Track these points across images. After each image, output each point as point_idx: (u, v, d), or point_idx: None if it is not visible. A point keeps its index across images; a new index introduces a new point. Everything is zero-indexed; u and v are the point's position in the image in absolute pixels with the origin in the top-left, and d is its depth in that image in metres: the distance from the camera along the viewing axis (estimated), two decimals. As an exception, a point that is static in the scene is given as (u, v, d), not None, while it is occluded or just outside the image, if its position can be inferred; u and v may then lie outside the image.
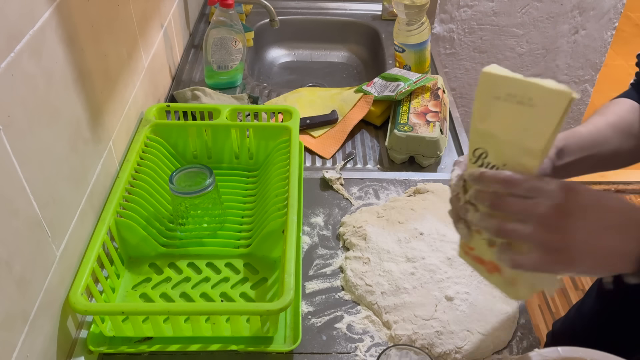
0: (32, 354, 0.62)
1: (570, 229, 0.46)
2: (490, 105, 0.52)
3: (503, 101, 0.51)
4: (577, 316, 1.11)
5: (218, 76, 1.27)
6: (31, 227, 0.62)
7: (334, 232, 0.93)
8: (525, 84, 0.50)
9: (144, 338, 0.74)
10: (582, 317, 1.08)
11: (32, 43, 0.62)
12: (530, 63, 1.90)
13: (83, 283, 0.70)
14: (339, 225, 0.94)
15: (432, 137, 1.04)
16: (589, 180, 2.43)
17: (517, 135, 0.51)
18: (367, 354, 0.75)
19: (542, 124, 0.49)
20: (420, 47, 1.25)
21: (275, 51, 1.64)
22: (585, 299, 1.11)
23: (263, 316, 0.71)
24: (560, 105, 0.48)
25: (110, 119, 0.86)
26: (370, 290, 0.81)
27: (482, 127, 0.53)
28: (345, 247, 0.90)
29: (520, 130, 0.51)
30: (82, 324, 0.76)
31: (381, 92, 1.16)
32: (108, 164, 0.86)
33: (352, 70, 1.59)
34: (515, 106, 0.50)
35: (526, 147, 0.51)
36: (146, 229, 0.84)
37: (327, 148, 1.11)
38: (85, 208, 0.77)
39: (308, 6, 1.67)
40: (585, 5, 1.77)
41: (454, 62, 1.90)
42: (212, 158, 1.02)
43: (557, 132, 0.49)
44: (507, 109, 0.51)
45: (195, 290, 0.81)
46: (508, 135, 0.52)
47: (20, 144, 0.59)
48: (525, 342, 0.77)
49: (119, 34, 0.90)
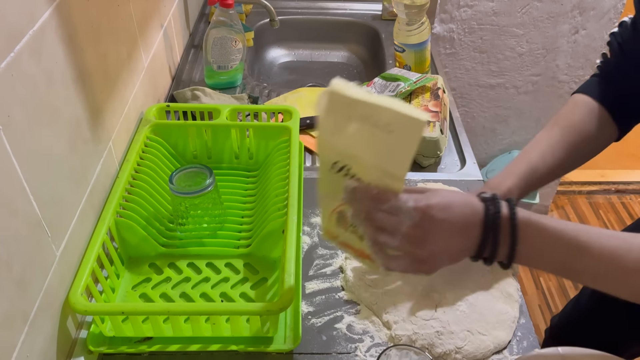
0: (32, 354, 0.62)
1: (429, 241, 0.55)
2: (342, 123, 0.51)
3: (356, 122, 0.50)
4: (574, 311, 1.12)
5: (218, 76, 1.27)
6: (31, 227, 0.62)
7: (334, 232, 0.93)
8: (378, 108, 0.49)
9: (143, 338, 0.74)
10: (579, 312, 1.10)
11: (32, 43, 0.62)
12: (530, 63, 1.90)
13: (83, 283, 0.70)
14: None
15: (432, 137, 1.04)
16: (589, 180, 2.43)
17: (380, 160, 0.52)
18: (367, 354, 0.75)
19: (402, 151, 0.51)
20: (420, 47, 1.25)
21: (275, 51, 1.64)
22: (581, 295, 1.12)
23: (263, 316, 0.71)
24: (417, 132, 0.49)
25: (110, 118, 0.86)
26: (371, 290, 0.81)
27: (335, 142, 0.52)
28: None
29: (381, 155, 0.52)
30: (82, 324, 0.76)
31: (381, 92, 1.16)
32: (108, 164, 0.86)
33: (352, 70, 1.59)
34: (371, 129, 0.50)
35: (389, 171, 0.53)
36: (146, 229, 0.84)
37: (327, 148, 1.11)
38: (85, 208, 0.77)
39: (308, 6, 1.67)
40: (585, 5, 1.77)
41: (454, 62, 1.90)
42: (212, 158, 1.02)
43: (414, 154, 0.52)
44: (362, 131, 0.51)
45: (195, 290, 0.81)
46: (370, 159, 0.52)
47: (20, 144, 0.59)
48: (525, 342, 0.77)
49: (118, 34, 0.90)
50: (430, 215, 0.54)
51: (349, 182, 0.56)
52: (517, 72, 1.92)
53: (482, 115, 2.04)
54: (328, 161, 0.55)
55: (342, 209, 0.58)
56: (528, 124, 2.05)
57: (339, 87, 0.50)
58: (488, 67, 1.91)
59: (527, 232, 0.56)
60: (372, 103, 0.49)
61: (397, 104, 0.49)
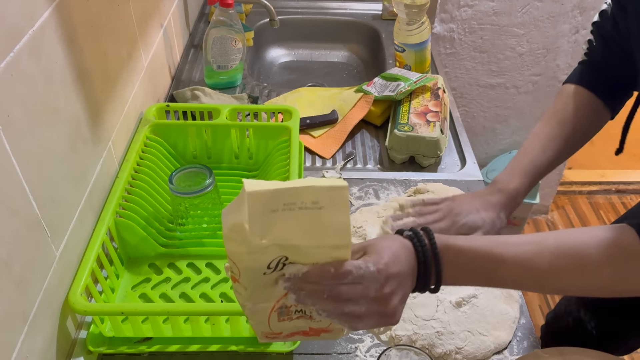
0: (32, 354, 0.62)
1: (394, 296, 0.57)
2: (270, 220, 0.50)
3: (282, 211, 0.50)
4: (568, 306, 1.12)
5: (218, 76, 1.27)
6: (30, 227, 0.62)
7: (334, 232, 0.93)
8: (299, 190, 0.49)
9: (143, 338, 0.74)
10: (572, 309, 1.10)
11: (31, 43, 0.61)
12: (530, 63, 1.90)
13: (82, 283, 0.70)
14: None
15: (433, 137, 1.03)
16: (589, 180, 2.43)
17: (320, 238, 0.52)
18: (367, 354, 0.75)
19: (338, 221, 0.51)
20: (420, 47, 1.25)
21: (275, 51, 1.64)
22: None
23: (263, 316, 0.71)
24: (344, 198, 0.50)
25: (109, 118, 0.86)
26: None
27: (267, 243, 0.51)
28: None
29: (320, 233, 0.51)
30: (81, 324, 0.75)
31: (381, 91, 1.16)
32: (107, 163, 0.86)
33: (352, 70, 1.59)
34: (300, 212, 0.50)
35: (332, 244, 0.53)
36: (146, 229, 0.84)
37: (327, 148, 1.11)
38: (85, 208, 0.77)
39: (308, 6, 1.67)
40: (585, 5, 1.77)
41: (455, 61, 1.90)
42: (212, 158, 1.02)
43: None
44: (292, 218, 0.50)
45: (195, 290, 0.81)
46: (310, 241, 0.52)
47: (19, 144, 0.59)
48: (525, 343, 0.77)
49: (118, 34, 0.90)
50: (391, 273, 0.56)
51: (291, 269, 0.53)
52: (518, 72, 1.92)
53: (482, 115, 2.04)
54: (262, 267, 0.53)
55: (282, 302, 0.56)
56: (528, 124, 2.05)
57: (253, 187, 0.49)
58: (488, 67, 1.91)
59: (448, 257, 0.60)
60: (292, 188, 0.49)
61: (314, 181, 0.50)
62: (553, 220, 2.30)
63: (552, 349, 0.71)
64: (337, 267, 0.54)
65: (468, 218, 0.83)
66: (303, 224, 0.51)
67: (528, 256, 0.61)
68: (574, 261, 0.61)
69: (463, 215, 0.83)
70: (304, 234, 0.51)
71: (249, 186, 0.48)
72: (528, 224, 2.27)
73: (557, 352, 0.71)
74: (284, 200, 0.49)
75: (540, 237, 0.64)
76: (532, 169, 0.85)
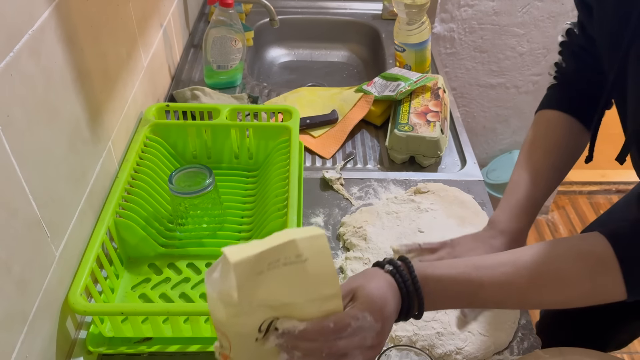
0: (32, 355, 0.62)
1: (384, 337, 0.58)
2: (256, 282, 0.49)
3: (268, 271, 0.49)
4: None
5: (218, 76, 1.27)
6: (30, 227, 0.62)
7: (334, 232, 0.93)
8: (280, 247, 0.48)
9: (143, 338, 0.74)
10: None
11: (31, 43, 0.61)
12: (530, 62, 1.90)
13: (82, 283, 0.70)
14: (339, 225, 0.94)
15: (433, 136, 1.03)
16: (589, 180, 2.43)
17: (310, 291, 0.51)
18: (367, 355, 0.75)
19: (324, 270, 0.50)
20: (420, 47, 1.25)
21: (275, 51, 1.64)
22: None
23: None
24: (325, 245, 0.50)
25: (109, 118, 0.86)
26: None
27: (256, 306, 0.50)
28: (345, 247, 0.90)
29: (310, 286, 0.51)
30: (81, 325, 0.75)
31: (381, 91, 1.16)
32: (107, 163, 0.85)
33: (352, 70, 1.59)
34: (284, 269, 0.49)
35: (323, 296, 0.52)
36: (145, 229, 0.84)
37: (327, 148, 1.11)
38: (85, 208, 0.77)
39: (308, 6, 1.67)
40: (585, 4, 1.77)
41: (455, 61, 1.90)
42: (212, 158, 1.01)
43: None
44: (277, 276, 0.49)
45: (195, 290, 0.81)
46: (300, 296, 0.51)
47: (19, 143, 0.59)
48: (526, 343, 0.77)
49: (118, 34, 0.90)
50: (385, 317, 0.57)
51: (286, 324, 0.52)
52: (518, 71, 1.92)
53: (482, 115, 2.04)
54: (252, 331, 0.51)
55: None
56: (529, 124, 2.03)
57: (236, 255, 0.48)
58: (488, 66, 1.91)
59: (428, 286, 0.61)
60: (275, 246, 0.48)
61: (293, 233, 0.49)
62: (553, 220, 2.30)
63: (553, 349, 0.71)
64: (337, 322, 0.53)
65: None
66: (290, 280, 0.50)
67: (506, 278, 0.62)
68: (553, 277, 0.61)
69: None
70: (293, 290, 0.51)
71: (232, 256, 0.47)
72: (528, 224, 2.26)
73: (557, 352, 0.70)
74: (268, 260, 0.48)
75: (516, 255, 0.64)
76: (529, 206, 0.80)
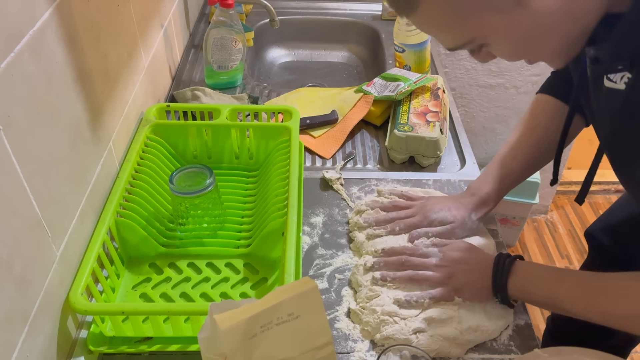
0: (32, 354, 0.62)
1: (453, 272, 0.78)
2: (249, 345, 0.49)
3: (262, 334, 0.49)
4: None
5: (218, 76, 1.27)
6: (31, 227, 0.62)
7: (334, 232, 0.93)
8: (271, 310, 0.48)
9: (144, 338, 0.74)
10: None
11: (32, 43, 0.62)
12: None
13: (83, 283, 0.70)
14: (346, 220, 0.95)
15: (432, 137, 1.04)
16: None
17: (303, 345, 0.52)
18: (368, 354, 0.75)
19: (316, 323, 0.51)
20: (420, 47, 1.25)
21: (275, 51, 1.64)
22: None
23: (263, 316, 0.71)
24: (316, 299, 0.50)
25: (110, 119, 0.86)
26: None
27: None
28: (350, 243, 0.90)
29: (301, 340, 0.51)
30: (82, 324, 0.76)
31: (381, 92, 1.16)
32: (108, 164, 0.86)
33: (352, 70, 1.59)
34: (277, 329, 0.49)
35: (317, 346, 0.53)
36: (146, 229, 0.84)
37: (327, 148, 1.11)
38: (85, 208, 0.77)
39: (308, 6, 1.67)
40: (585, 5, 1.77)
41: (454, 62, 1.90)
42: (212, 158, 1.02)
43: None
44: (271, 336, 0.49)
45: (195, 290, 0.81)
46: (293, 351, 0.51)
47: (20, 144, 0.59)
48: (525, 343, 0.77)
49: (119, 34, 0.90)
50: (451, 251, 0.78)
51: None
52: (517, 72, 1.92)
53: (482, 115, 2.04)
54: None
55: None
56: (528, 124, 2.05)
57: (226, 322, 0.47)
58: (488, 67, 1.91)
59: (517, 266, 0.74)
60: (266, 310, 0.48)
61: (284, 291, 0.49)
62: (552, 220, 2.30)
63: (552, 349, 0.71)
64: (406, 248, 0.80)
65: (439, 214, 0.87)
66: (284, 338, 0.50)
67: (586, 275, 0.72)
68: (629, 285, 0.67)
69: (435, 211, 0.88)
70: (286, 346, 0.51)
71: (221, 322, 0.47)
72: (527, 224, 2.27)
73: (556, 352, 0.71)
74: (260, 323, 0.48)
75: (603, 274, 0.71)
76: (502, 175, 0.89)
